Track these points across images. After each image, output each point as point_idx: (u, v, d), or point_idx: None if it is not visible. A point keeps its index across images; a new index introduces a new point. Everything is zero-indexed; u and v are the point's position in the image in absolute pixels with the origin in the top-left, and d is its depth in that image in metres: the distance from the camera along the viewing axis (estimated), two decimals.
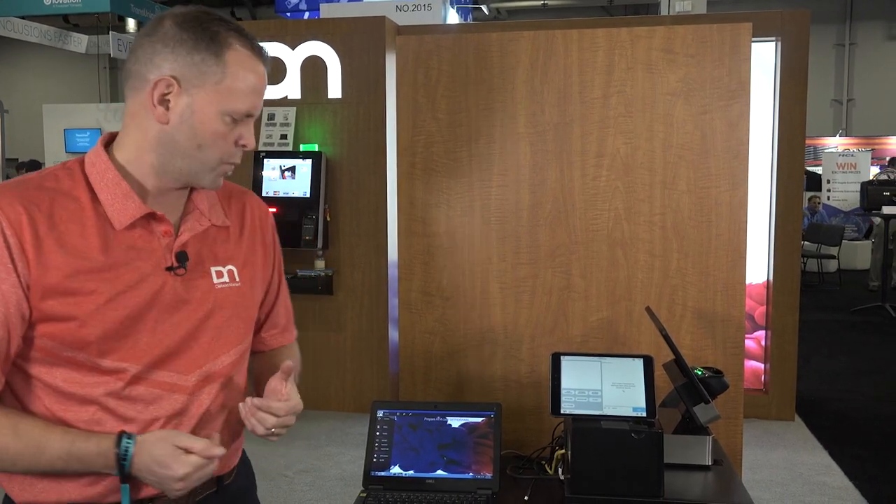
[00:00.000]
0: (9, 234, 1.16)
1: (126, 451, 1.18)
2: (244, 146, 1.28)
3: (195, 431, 1.28)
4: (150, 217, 1.28)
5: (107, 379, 1.22)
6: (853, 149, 13.50)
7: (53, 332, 1.19)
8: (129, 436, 1.20)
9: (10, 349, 1.19)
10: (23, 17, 12.90)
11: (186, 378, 1.28)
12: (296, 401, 1.31)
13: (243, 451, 1.48)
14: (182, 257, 1.29)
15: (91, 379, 1.22)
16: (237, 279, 1.37)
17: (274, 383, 1.31)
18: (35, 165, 9.93)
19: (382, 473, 1.80)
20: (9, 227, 1.16)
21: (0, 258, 1.16)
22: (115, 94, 19.08)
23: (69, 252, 1.19)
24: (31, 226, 1.17)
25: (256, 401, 1.27)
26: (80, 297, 1.19)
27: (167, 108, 1.23)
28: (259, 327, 1.54)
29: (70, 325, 1.19)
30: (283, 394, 1.30)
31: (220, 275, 1.34)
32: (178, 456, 1.19)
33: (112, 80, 19.23)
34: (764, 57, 4.79)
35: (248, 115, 1.27)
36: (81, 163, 1.28)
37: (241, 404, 1.29)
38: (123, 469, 1.19)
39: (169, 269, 1.27)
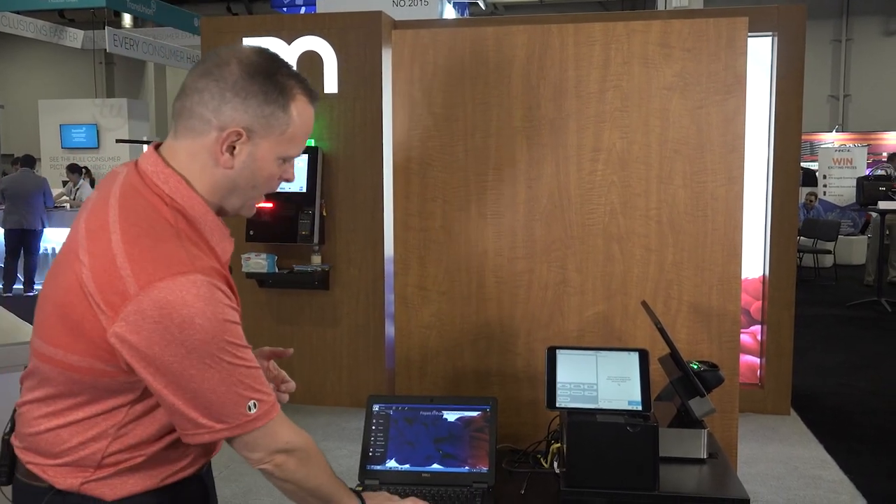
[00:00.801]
0: (231, 301, 1.25)
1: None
2: (287, 181, 1.38)
3: None
4: None
5: None
6: (849, 144, 13.51)
7: None
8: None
9: None
10: (18, 13, 12.85)
11: None
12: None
13: None
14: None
15: None
16: None
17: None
18: (29, 160, 9.87)
19: (378, 467, 1.80)
20: (227, 295, 1.25)
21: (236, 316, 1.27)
22: (111, 90, 19.02)
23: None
24: (226, 282, 1.27)
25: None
26: None
27: (232, 155, 1.29)
28: None
29: None
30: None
31: None
32: None
33: (108, 75, 19.17)
34: (760, 52, 4.79)
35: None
36: (171, 201, 1.29)
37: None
38: None
39: None
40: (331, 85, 4.92)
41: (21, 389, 1.38)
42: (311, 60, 4.88)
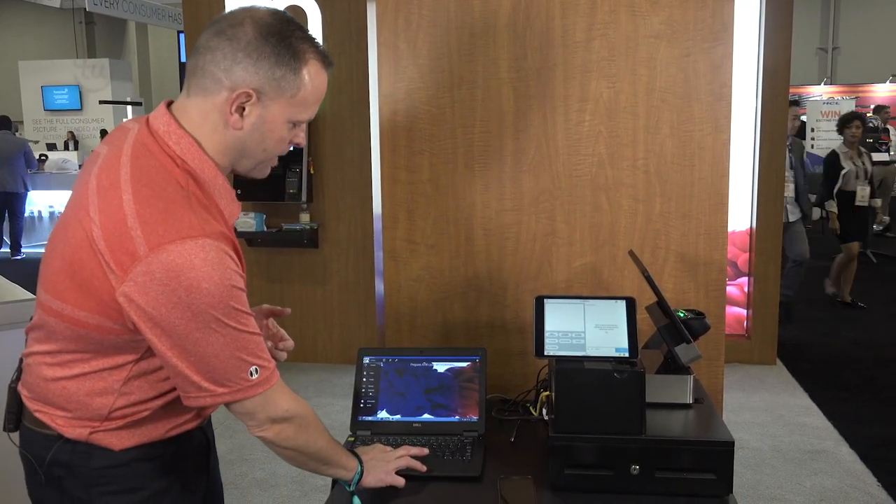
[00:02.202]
0: (232, 262, 1.25)
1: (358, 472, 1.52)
2: (298, 144, 1.41)
3: None
4: None
5: None
6: (837, 97, 13.49)
7: None
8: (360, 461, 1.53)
9: None
10: None
11: None
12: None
13: None
14: None
15: None
16: None
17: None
18: (5, 122, 9.72)
19: (370, 418, 1.82)
20: (233, 259, 1.26)
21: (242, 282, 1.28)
22: (92, 50, 18.71)
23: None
24: (233, 247, 1.30)
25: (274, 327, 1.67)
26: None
27: (241, 116, 1.29)
28: None
29: None
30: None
31: None
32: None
33: (88, 34, 18.83)
34: (749, 5, 4.75)
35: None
36: (182, 163, 1.29)
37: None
38: (356, 481, 1.51)
39: None
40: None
41: (27, 340, 1.40)
42: (295, 15, 4.81)
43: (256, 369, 1.29)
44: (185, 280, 1.17)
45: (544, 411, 1.84)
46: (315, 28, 4.84)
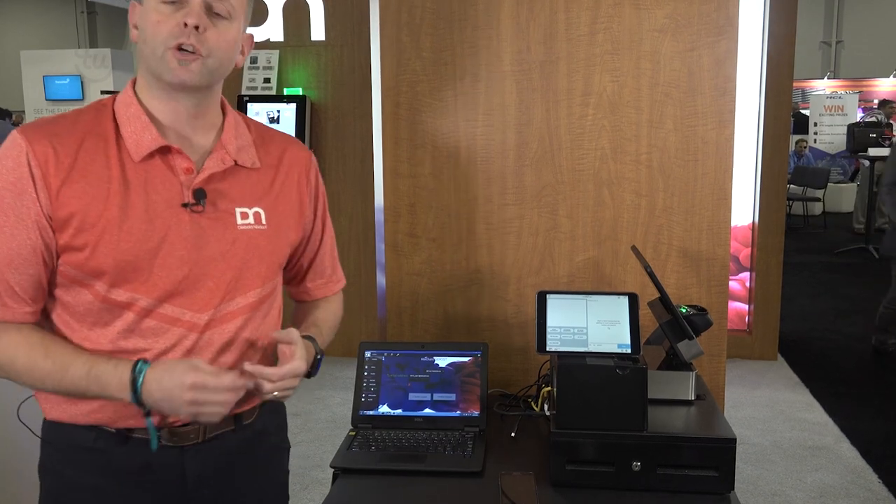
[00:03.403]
0: (34, 166, 1.21)
1: (140, 371, 1.21)
2: (185, 25, 1.23)
3: None
4: (169, 152, 1.29)
5: (121, 311, 1.26)
6: (841, 91, 13.45)
7: (73, 261, 1.24)
8: (146, 361, 1.24)
9: (43, 278, 1.25)
10: None
11: (199, 316, 1.29)
12: (290, 365, 1.30)
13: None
14: (199, 194, 1.29)
15: (107, 309, 1.26)
16: (263, 222, 1.36)
17: (282, 347, 1.34)
18: (4, 114, 9.71)
19: (371, 413, 1.82)
20: (34, 160, 1.21)
21: (26, 190, 1.21)
22: (94, 40, 18.67)
23: (90, 183, 1.23)
24: (55, 160, 1.22)
25: (249, 367, 1.28)
26: (93, 226, 1.22)
27: (137, 28, 1.28)
28: (303, 276, 1.55)
29: (84, 254, 1.23)
30: (288, 357, 1.32)
31: (244, 216, 1.34)
32: (189, 370, 1.21)
33: (90, 24, 18.80)
34: None
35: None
36: (113, 100, 1.31)
37: (245, 363, 1.29)
38: (136, 391, 1.21)
39: (185, 205, 1.28)
40: (318, 32, 4.84)
41: None
42: (298, 7, 4.79)
43: None
44: None
45: (546, 407, 1.84)
46: (317, 19, 4.82)
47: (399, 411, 1.81)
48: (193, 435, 1.33)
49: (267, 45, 4.87)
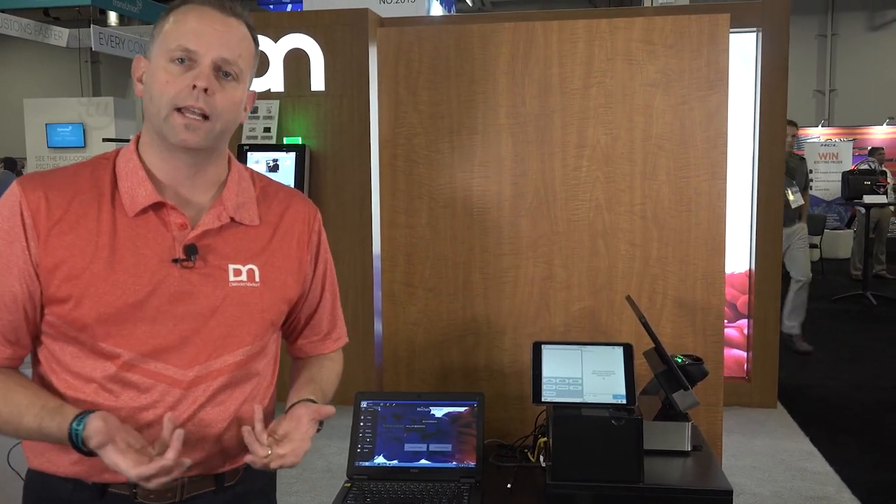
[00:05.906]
0: (26, 215, 1.23)
1: (76, 433, 1.17)
2: (194, 87, 1.23)
3: (190, 426, 1.27)
4: (163, 207, 1.29)
5: (103, 362, 1.25)
6: (835, 139, 13.59)
7: (57, 312, 1.24)
8: (84, 417, 1.18)
9: (29, 324, 1.26)
10: (2, 11, 12.76)
11: (184, 372, 1.27)
12: (290, 448, 1.30)
13: None
14: (190, 250, 1.28)
15: (91, 360, 1.25)
16: (256, 279, 1.34)
17: (272, 424, 1.32)
18: (10, 163, 9.82)
19: (367, 464, 1.81)
20: (27, 209, 1.23)
21: (17, 239, 1.23)
22: (98, 89, 18.91)
23: (78, 235, 1.24)
24: (47, 209, 1.24)
25: (247, 435, 1.25)
26: (78, 277, 1.23)
27: (142, 83, 1.30)
28: (299, 333, 1.52)
29: (69, 305, 1.23)
30: (278, 434, 1.31)
31: (237, 273, 1.32)
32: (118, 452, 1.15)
33: (94, 73, 19.06)
34: (745, 48, 4.82)
35: (191, 57, 1.24)
36: (116, 154, 1.34)
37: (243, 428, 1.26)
38: (80, 450, 1.17)
39: (175, 260, 1.27)
40: (318, 83, 4.92)
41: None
42: (298, 58, 4.88)
43: None
44: None
45: (542, 458, 1.83)
46: (317, 70, 4.90)
47: (395, 462, 1.81)
48: (171, 494, 1.29)
49: (268, 95, 4.95)
